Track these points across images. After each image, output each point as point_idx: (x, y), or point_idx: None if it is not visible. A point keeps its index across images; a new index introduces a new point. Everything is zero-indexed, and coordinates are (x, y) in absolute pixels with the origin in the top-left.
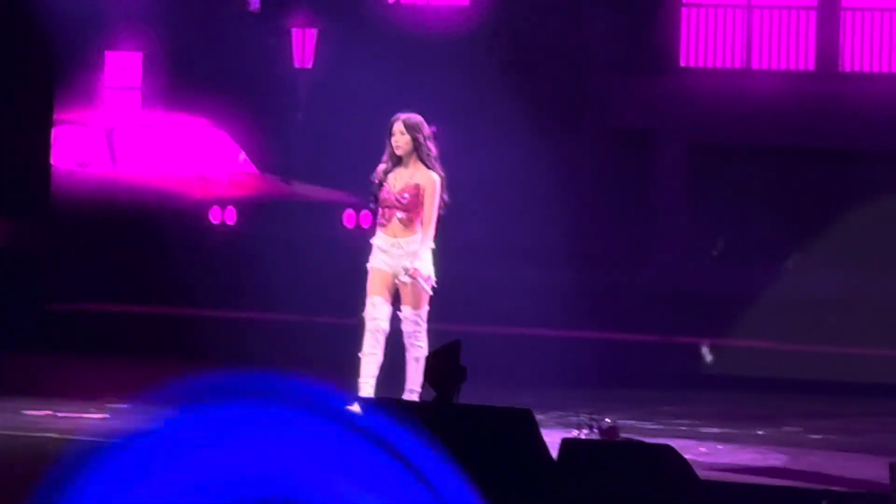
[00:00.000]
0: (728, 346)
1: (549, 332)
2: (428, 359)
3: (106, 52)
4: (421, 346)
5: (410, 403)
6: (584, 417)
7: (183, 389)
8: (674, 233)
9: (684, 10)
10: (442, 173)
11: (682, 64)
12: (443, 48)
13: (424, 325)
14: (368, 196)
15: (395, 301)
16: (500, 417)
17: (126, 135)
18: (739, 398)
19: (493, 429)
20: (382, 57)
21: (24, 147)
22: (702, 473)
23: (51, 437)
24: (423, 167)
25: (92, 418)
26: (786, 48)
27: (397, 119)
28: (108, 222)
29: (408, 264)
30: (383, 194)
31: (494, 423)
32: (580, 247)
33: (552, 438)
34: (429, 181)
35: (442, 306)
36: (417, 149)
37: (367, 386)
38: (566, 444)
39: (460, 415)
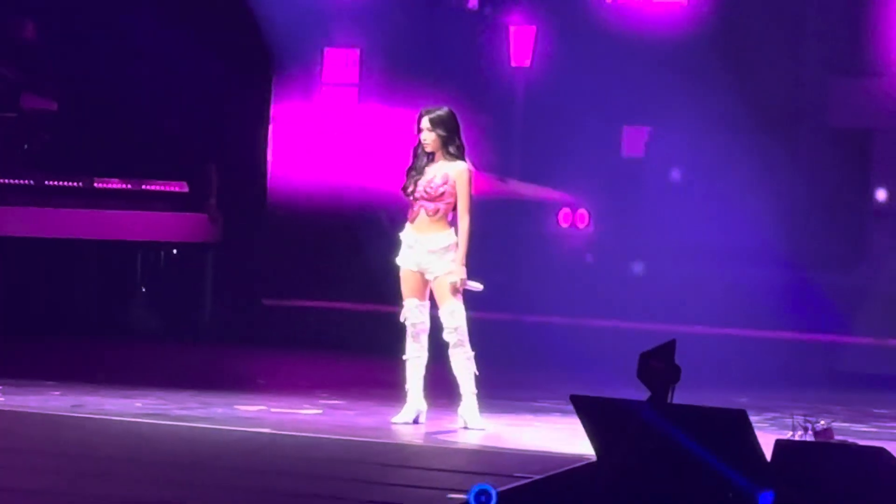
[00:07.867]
0: None
1: (763, 333)
2: (642, 358)
3: (324, 49)
4: (466, 344)
5: (625, 403)
6: (798, 419)
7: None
8: (891, 234)
9: None
10: (472, 166)
11: None
12: (661, 47)
13: (464, 320)
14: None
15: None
16: (715, 418)
17: (343, 132)
18: None
19: (707, 429)
20: (599, 56)
21: (242, 144)
22: None
23: (264, 433)
24: (452, 159)
25: (305, 414)
26: None
27: (423, 115)
28: (324, 219)
29: (453, 278)
30: (413, 187)
31: (709, 423)
32: (796, 247)
33: (766, 440)
34: (459, 171)
35: (656, 306)
36: (445, 144)
37: (415, 390)
38: (780, 445)
39: (675, 415)
